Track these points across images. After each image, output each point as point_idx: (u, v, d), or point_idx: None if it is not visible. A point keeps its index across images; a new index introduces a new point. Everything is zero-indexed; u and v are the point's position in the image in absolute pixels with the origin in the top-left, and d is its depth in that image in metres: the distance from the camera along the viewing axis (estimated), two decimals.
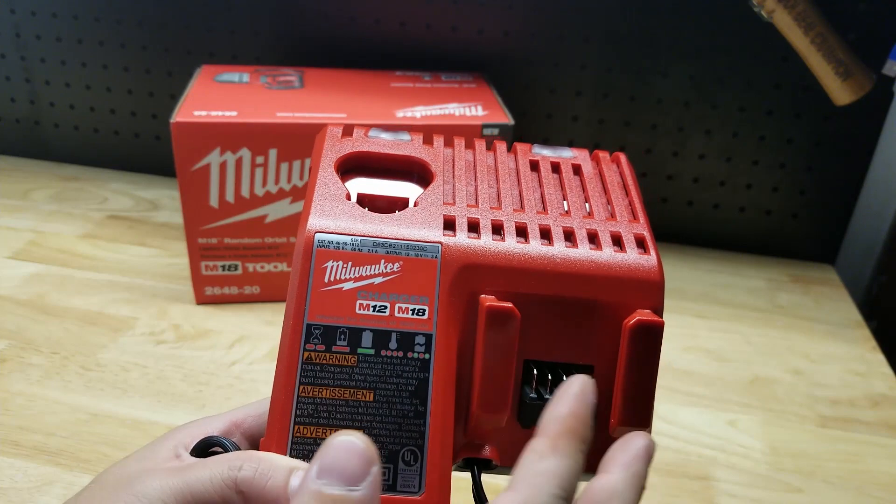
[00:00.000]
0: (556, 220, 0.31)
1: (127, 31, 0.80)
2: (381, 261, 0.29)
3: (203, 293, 0.65)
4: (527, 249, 0.30)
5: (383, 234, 0.29)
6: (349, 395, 0.28)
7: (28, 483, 0.46)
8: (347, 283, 0.28)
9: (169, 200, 0.82)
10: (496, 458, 0.29)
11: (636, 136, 0.77)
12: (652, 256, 0.31)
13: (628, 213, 0.32)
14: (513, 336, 0.28)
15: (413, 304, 0.29)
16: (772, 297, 0.73)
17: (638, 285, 0.30)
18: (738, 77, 0.72)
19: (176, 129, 0.58)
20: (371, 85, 0.68)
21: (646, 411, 0.29)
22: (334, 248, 0.29)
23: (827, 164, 0.75)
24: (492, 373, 0.28)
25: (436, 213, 0.30)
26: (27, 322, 0.61)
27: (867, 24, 0.67)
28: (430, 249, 0.29)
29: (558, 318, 0.29)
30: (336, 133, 0.34)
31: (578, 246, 0.30)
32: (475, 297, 0.29)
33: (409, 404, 0.28)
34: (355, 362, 0.28)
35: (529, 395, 0.29)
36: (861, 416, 0.58)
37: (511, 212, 0.31)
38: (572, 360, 0.30)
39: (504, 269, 0.29)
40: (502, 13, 0.73)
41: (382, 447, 0.27)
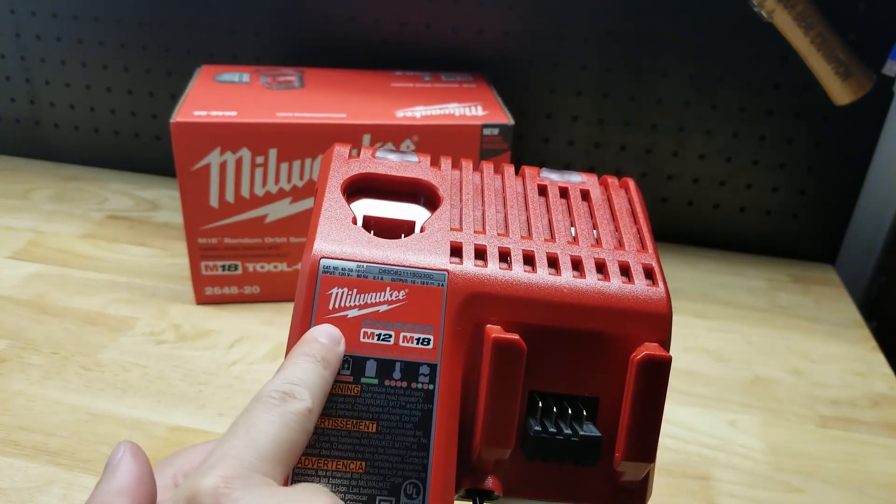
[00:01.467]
0: (564, 249, 0.31)
1: (127, 31, 0.80)
2: (387, 288, 0.28)
3: (203, 293, 0.65)
4: (534, 279, 0.29)
5: (389, 260, 0.29)
6: (352, 426, 0.27)
7: (28, 483, 0.46)
8: (352, 310, 0.28)
9: (169, 200, 0.82)
10: (498, 489, 0.29)
11: (636, 136, 0.77)
12: (660, 288, 0.30)
13: (636, 241, 0.32)
14: (519, 369, 0.28)
15: (418, 334, 0.28)
16: (772, 297, 0.73)
17: (645, 318, 0.29)
18: (738, 77, 0.72)
19: (176, 129, 0.58)
20: (371, 85, 0.68)
21: (650, 446, 0.29)
22: (339, 275, 0.28)
23: (827, 164, 0.75)
24: (497, 406, 0.28)
25: (442, 239, 0.30)
26: (27, 322, 0.61)
27: (867, 24, 0.67)
28: (436, 277, 0.29)
29: (564, 349, 0.29)
30: (343, 153, 0.33)
31: (586, 275, 0.30)
32: (481, 326, 0.29)
33: (412, 436, 0.27)
34: (359, 392, 0.28)
35: (534, 427, 0.28)
36: (861, 416, 0.58)
37: (518, 239, 0.31)
38: (577, 391, 0.29)
39: (511, 299, 0.29)
40: (502, 13, 0.73)
41: (384, 479, 0.27)
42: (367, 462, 0.27)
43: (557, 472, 0.29)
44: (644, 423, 0.29)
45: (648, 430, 0.29)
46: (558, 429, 0.28)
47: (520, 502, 0.30)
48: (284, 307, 0.65)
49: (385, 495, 0.27)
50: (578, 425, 0.29)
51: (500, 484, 0.29)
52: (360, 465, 0.27)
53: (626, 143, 0.77)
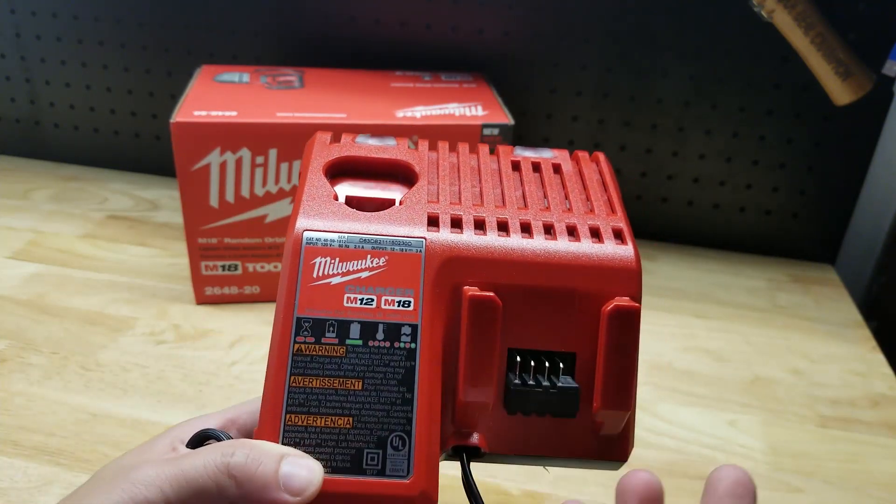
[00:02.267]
0: (537, 215, 0.32)
1: (127, 31, 0.80)
2: (368, 256, 0.30)
3: (203, 293, 0.65)
4: (507, 242, 0.31)
5: (369, 231, 0.30)
6: (338, 385, 0.29)
7: (28, 483, 0.46)
8: (335, 277, 0.30)
9: (169, 200, 0.82)
10: (484, 446, 0.30)
11: (636, 136, 0.77)
12: (629, 247, 0.31)
13: (606, 207, 0.33)
14: (495, 323, 0.29)
15: (399, 297, 0.30)
16: (772, 297, 0.73)
17: (616, 274, 0.31)
18: (738, 77, 0.72)
19: (176, 129, 0.58)
20: (371, 85, 0.68)
21: (627, 394, 0.30)
22: (322, 245, 0.30)
23: (827, 164, 0.75)
24: (476, 359, 0.29)
25: (420, 210, 0.32)
26: (27, 322, 0.61)
27: (867, 24, 0.67)
28: (414, 244, 0.30)
29: (540, 307, 0.30)
30: (325, 139, 0.35)
31: (558, 238, 0.31)
32: (459, 288, 0.30)
33: (397, 392, 0.29)
34: (344, 353, 0.29)
35: (514, 381, 0.30)
36: (861, 416, 0.58)
37: (493, 208, 0.32)
38: (556, 347, 0.31)
39: (485, 261, 0.30)
40: (502, 13, 0.73)
41: (371, 433, 0.29)
42: (353, 418, 0.29)
43: (539, 427, 0.30)
44: (619, 372, 0.30)
45: (623, 378, 0.30)
46: (537, 381, 0.30)
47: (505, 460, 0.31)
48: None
49: (372, 448, 0.28)
50: (556, 378, 0.30)
51: (485, 440, 0.30)
52: (347, 420, 0.29)
53: (626, 143, 0.77)
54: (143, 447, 0.31)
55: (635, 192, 0.79)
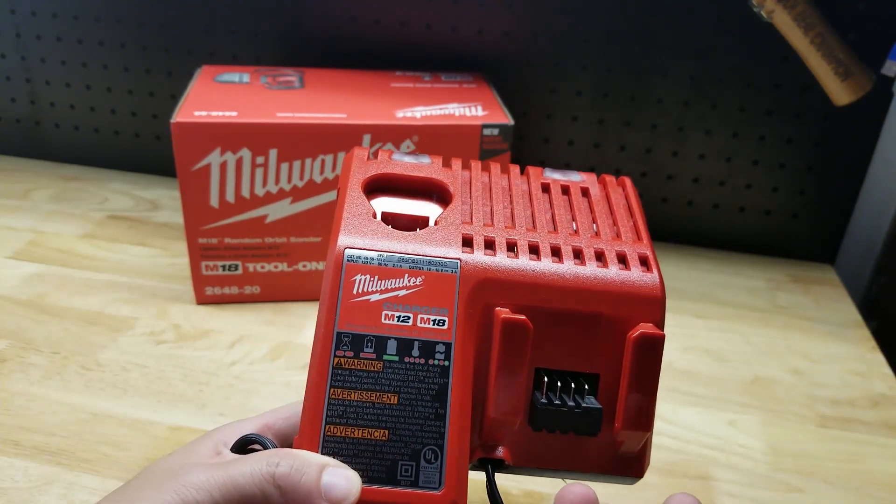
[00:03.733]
0: (566, 240, 0.34)
1: (127, 32, 0.80)
2: (405, 275, 0.31)
3: (203, 293, 0.65)
4: (539, 266, 0.32)
5: (407, 250, 0.32)
6: (376, 398, 0.30)
7: (28, 483, 0.46)
8: (374, 294, 0.31)
9: (169, 200, 0.83)
10: (508, 459, 0.32)
11: (636, 136, 0.77)
12: (654, 275, 0.33)
13: (633, 233, 0.35)
14: (526, 346, 0.30)
15: (434, 315, 0.31)
16: (772, 297, 0.73)
17: (641, 301, 0.32)
18: (738, 77, 0.72)
19: (176, 130, 0.58)
20: (371, 85, 0.68)
21: (648, 416, 0.31)
22: (362, 263, 0.31)
23: (827, 164, 0.75)
24: (506, 379, 0.31)
25: (455, 231, 0.33)
26: (27, 322, 0.61)
27: (867, 24, 0.67)
28: (449, 265, 0.32)
29: (567, 329, 0.32)
30: (363, 155, 0.36)
31: (586, 263, 0.33)
32: (491, 309, 0.31)
33: (430, 407, 0.30)
34: (381, 368, 0.30)
35: (541, 400, 0.31)
36: (861, 416, 0.58)
37: (524, 231, 0.34)
38: (580, 368, 0.32)
39: (517, 284, 0.32)
40: (502, 13, 0.73)
41: (406, 446, 0.30)
42: (389, 430, 0.30)
43: (562, 443, 0.32)
44: (641, 396, 0.31)
45: (645, 401, 0.31)
46: (563, 401, 0.31)
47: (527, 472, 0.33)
48: (285, 307, 0.65)
49: (406, 460, 0.30)
50: (581, 398, 0.32)
51: (509, 454, 0.32)
52: (383, 433, 0.30)
53: (626, 143, 0.77)
54: (188, 449, 0.32)
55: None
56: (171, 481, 0.28)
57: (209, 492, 0.28)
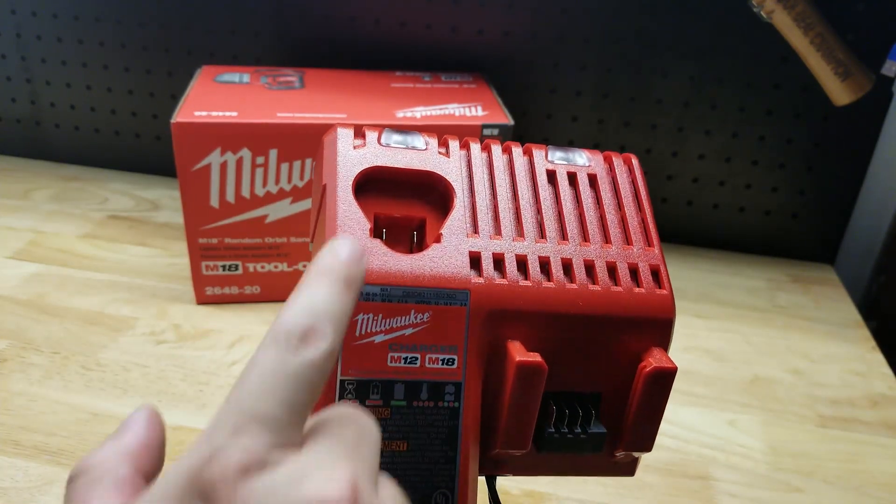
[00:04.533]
0: (577, 252, 0.32)
1: (127, 32, 0.80)
2: (412, 311, 0.29)
3: (203, 293, 0.65)
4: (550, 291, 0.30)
5: (412, 281, 0.29)
6: (384, 446, 0.28)
7: (28, 483, 0.46)
8: (379, 335, 0.28)
9: (169, 200, 0.83)
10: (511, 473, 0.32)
11: (636, 136, 0.77)
12: (665, 292, 0.32)
13: (642, 235, 0.33)
14: (539, 387, 0.29)
15: (443, 354, 0.29)
16: (772, 297, 0.73)
17: (652, 323, 0.31)
18: (738, 77, 0.72)
19: (176, 130, 0.58)
20: (371, 85, 0.68)
21: (650, 439, 0.31)
22: (364, 300, 0.28)
23: (827, 164, 0.75)
24: (517, 418, 0.29)
25: (461, 249, 0.30)
26: (27, 322, 0.61)
27: (867, 24, 0.67)
28: (458, 297, 0.29)
29: (575, 352, 0.31)
30: (348, 136, 0.32)
31: (599, 281, 0.31)
32: (501, 339, 0.30)
33: (440, 451, 0.29)
34: (389, 414, 0.28)
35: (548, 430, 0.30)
36: (861, 416, 0.58)
37: (533, 242, 0.31)
38: (584, 389, 0.31)
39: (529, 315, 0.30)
40: (502, 13, 0.73)
41: (416, 491, 0.28)
42: (399, 478, 0.28)
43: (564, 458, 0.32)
44: (647, 423, 0.31)
45: (650, 427, 0.31)
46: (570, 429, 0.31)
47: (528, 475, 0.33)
48: None
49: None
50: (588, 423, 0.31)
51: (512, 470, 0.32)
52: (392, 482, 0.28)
53: (626, 144, 0.77)
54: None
55: None
56: None
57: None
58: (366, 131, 0.33)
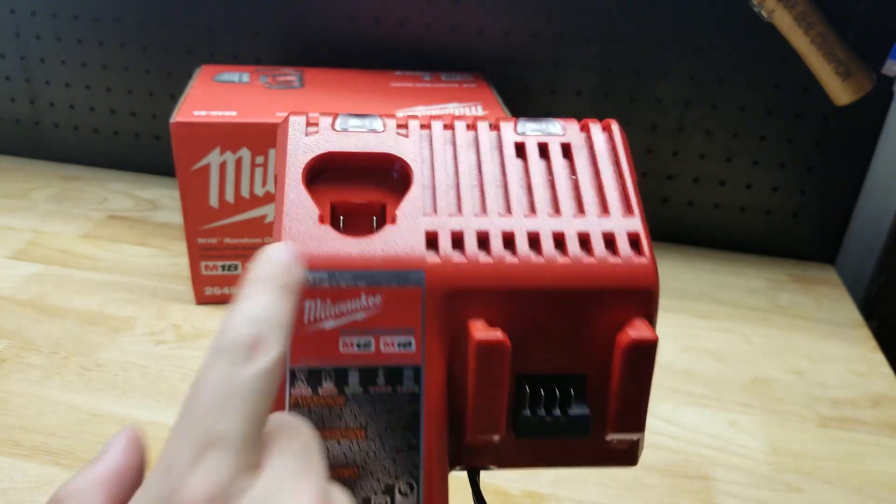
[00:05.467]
0: (546, 223, 0.29)
1: (127, 31, 0.80)
2: (362, 294, 0.27)
3: (203, 293, 0.65)
4: (514, 265, 0.28)
5: (362, 263, 0.27)
6: (340, 436, 0.27)
7: (28, 483, 0.46)
8: (328, 321, 0.27)
9: (169, 200, 0.82)
10: (494, 465, 0.30)
11: (636, 136, 0.77)
12: (645, 259, 0.29)
13: (622, 202, 0.30)
14: (504, 366, 0.27)
15: (399, 337, 0.27)
16: (772, 297, 0.73)
17: (631, 294, 0.28)
18: (738, 77, 0.72)
19: (176, 129, 0.58)
20: (371, 85, 0.68)
21: (639, 418, 0.29)
22: (311, 285, 0.27)
23: (827, 164, 0.75)
24: (485, 400, 0.27)
25: (417, 228, 0.28)
26: (27, 322, 0.61)
27: (867, 24, 0.67)
28: (412, 278, 0.27)
29: (549, 331, 0.28)
30: (300, 124, 0.31)
31: (569, 253, 0.29)
32: (462, 319, 0.28)
33: (402, 438, 0.27)
34: (344, 402, 0.27)
35: (523, 413, 0.28)
36: (861, 416, 0.58)
37: (497, 217, 0.29)
38: (565, 370, 0.29)
39: (491, 292, 0.28)
40: (502, 13, 0.73)
41: (378, 482, 0.27)
42: (359, 467, 0.27)
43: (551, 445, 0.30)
44: (632, 400, 0.28)
45: (637, 404, 0.28)
46: (547, 411, 0.28)
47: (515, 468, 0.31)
48: None
49: (380, 496, 0.27)
50: (567, 405, 0.29)
51: (495, 460, 0.29)
52: (352, 470, 0.27)
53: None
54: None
55: None
56: None
57: None
58: (319, 118, 0.31)
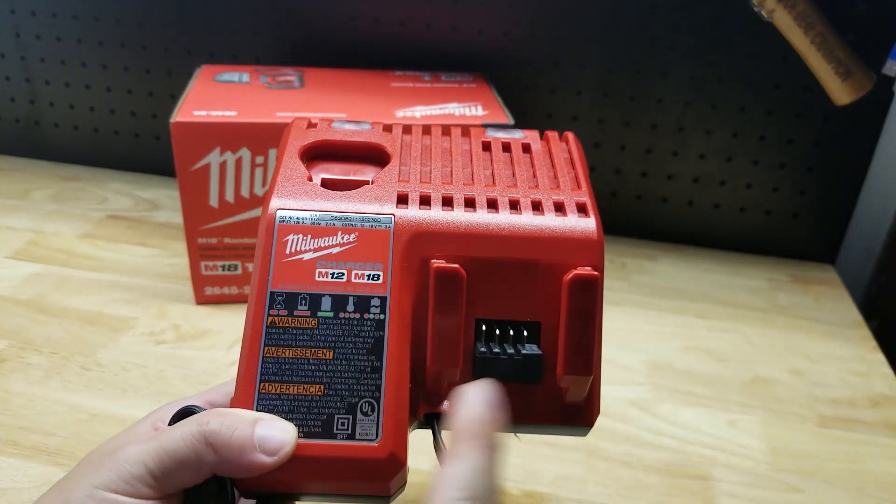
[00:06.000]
0: (504, 192, 0.34)
1: (127, 31, 0.80)
2: (339, 232, 0.31)
3: (203, 293, 0.65)
4: (473, 217, 0.32)
5: (340, 209, 0.32)
6: (310, 355, 0.30)
7: (28, 483, 0.46)
8: (307, 253, 0.31)
9: (169, 200, 0.82)
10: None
11: (636, 136, 0.77)
12: (591, 219, 0.33)
13: (573, 183, 0.35)
14: (460, 294, 0.31)
15: (368, 270, 0.31)
16: (772, 297, 0.73)
17: (578, 245, 0.32)
18: (738, 77, 0.72)
19: (176, 129, 0.58)
20: (371, 85, 0.68)
21: (588, 360, 0.31)
22: (294, 223, 0.31)
23: (827, 164, 0.75)
24: (443, 329, 0.31)
25: (390, 189, 0.33)
26: (27, 322, 0.61)
27: (867, 24, 0.67)
28: (383, 220, 0.32)
29: (506, 278, 0.32)
30: (302, 125, 0.37)
31: (522, 213, 0.33)
32: (426, 262, 0.31)
33: (366, 360, 0.30)
34: (316, 325, 0.30)
35: (480, 349, 0.31)
36: (861, 416, 0.58)
37: (461, 186, 0.34)
38: (522, 317, 0.32)
39: (452, 236, 0.32)
40: (502, 13, 0.73)
41: (342, 400, 0.30)
42: (325, 385, 0.30)
43: (507, 394, 0.31)
44: (580, 338, 0.31)
45: (585, 344, 0.31)
46: (502, 349, 0.31)
47: None
48: None
49: (342, 413, 0.30)
50: (521, 345, 0.32)
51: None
52: (318, 388, 0.30)
53: (626, 143, 0.77)
54: (127, 431, 0.33)
55: (635, 192, 0.79)
56: (107, 461, 0.29)
57: (143, 462, 0.28)
58: (319, 120, 0.37)
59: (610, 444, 0.53)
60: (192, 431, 0.28)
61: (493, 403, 0.29)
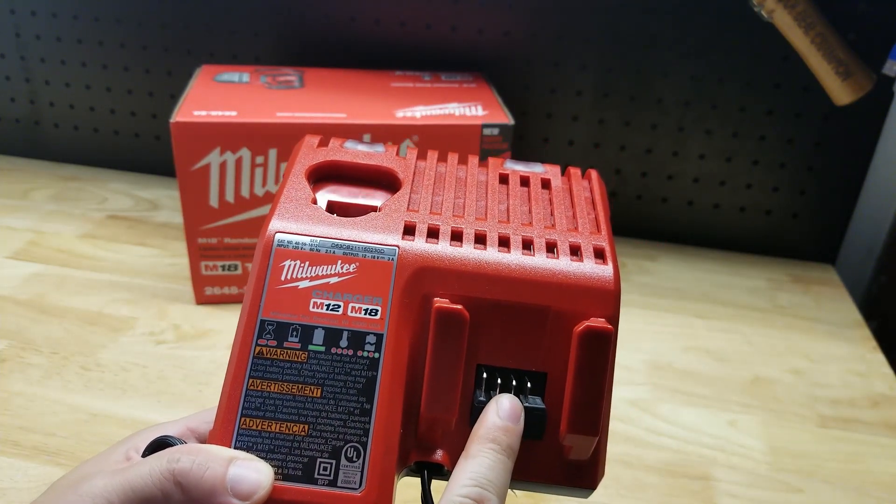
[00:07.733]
0: (517, 230, 0.31)
1: (127, 31, 0.80)
2: (338, 261, 0.29)
3: (203, 293, 0.65)
4: (482, 256, 0.30)
5: (342, 236, 0.30)
6: (297, 391, 0.28)
7: (28, 483, 0.46)
8: (303, 281, 0.29)
9: (169, 200, 0.82)
10: (447, 464, 0.29)
11: (636, 136, 0.77)
12: (609, 267, 0.30)
13: (592, 225, 0.32)
14: (461, 337, 0.29)
15: (366, 304, 0.29)
16: (772, 297, 0.73)
17: (592, 294, 0.30)
18: (738, 77, 0.72)
19: (176, 129, 0.58)
20: (371, 85, 0.68)
21: (595, 419, 0.29)
22: (293, 248, 0.30)
23: (827, 164, 0.75)
24: (440, 373, 0.29)
25: (397, 218, 0.31)
26: (27, 322, 0.61)
27: (867, 24, 0.67)
28: (386, 252, 0.30)
29: (512, 324, 0.30)
30: (312, 143, 0.35)
31: (535, 254, 0.30)
32: (429, 300, 0.29)
33: (356, 402, 0.28)
34: (305, 359, 0.28)
35: (479, 398, 0.29)
36: (861, 416, 0.58)
37: (473, 220, 0.32)
38: (526, 366, 0.30)
39: (457, 273, 0.30)
40: (502, 13, 0.73)
41: (326, 442, 0.28)
42: (309, 425, 0.28)
43: None
44: (588, 396, 0.29)
45: (592, 402, 0.29)
46: None
47: None
48: None
49: (326, 457, 0.28)
50: (524, 397, 0.29)
51: (448, 458, 0.29)
52: (302, 427, 0.28)
53: (626, 143, 0.77)
54: (100, 457, 0.31)
55: (635, 192, 0.79)
56: (70, 492, 0.27)
57: (106, 498, 0.26)
58: (332, 139, 0.35)
59: (610, 445, 0.52)
60: (160, 468, 0.27)
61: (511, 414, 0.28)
